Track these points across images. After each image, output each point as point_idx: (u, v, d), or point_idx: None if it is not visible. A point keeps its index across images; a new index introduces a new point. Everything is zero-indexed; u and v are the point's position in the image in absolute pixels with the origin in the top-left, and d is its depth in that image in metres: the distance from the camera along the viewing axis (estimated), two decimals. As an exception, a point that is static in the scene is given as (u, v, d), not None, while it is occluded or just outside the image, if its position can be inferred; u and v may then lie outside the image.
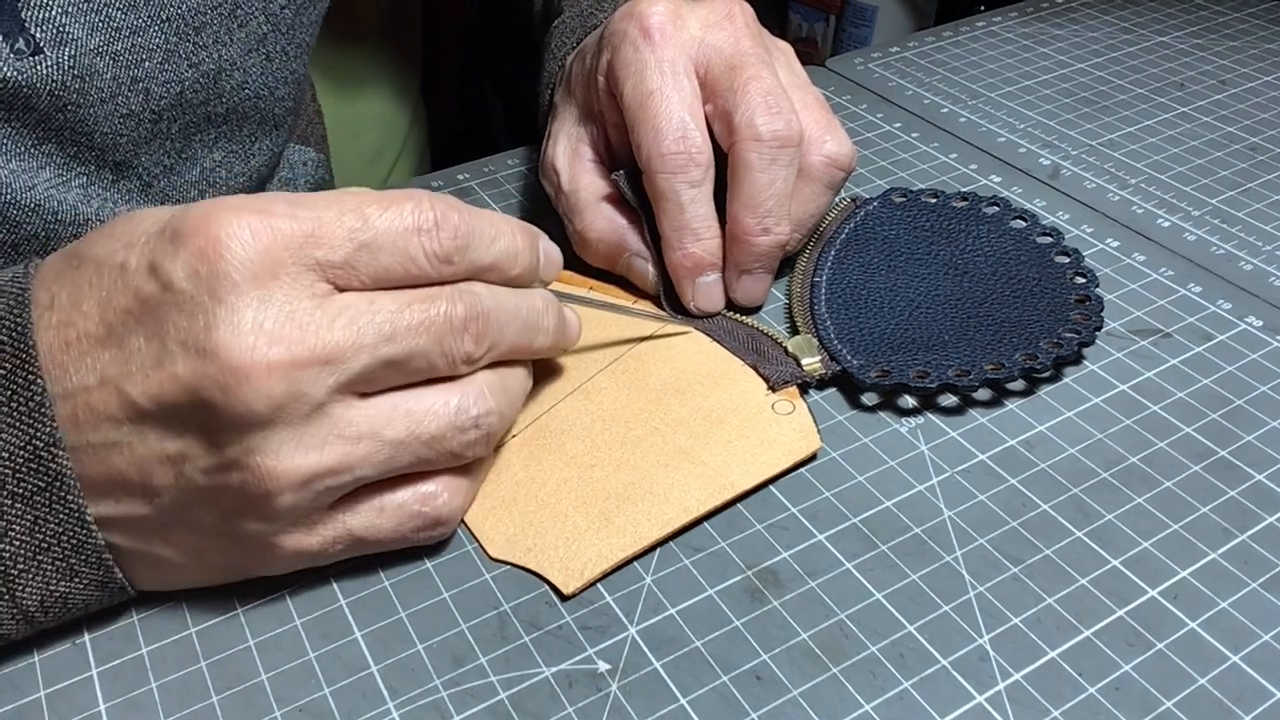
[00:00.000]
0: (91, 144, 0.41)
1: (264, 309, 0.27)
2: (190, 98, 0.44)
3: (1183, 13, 0.69)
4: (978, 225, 0.46)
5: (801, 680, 0.30)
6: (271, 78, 0.47)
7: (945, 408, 0.38)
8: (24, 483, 0.27)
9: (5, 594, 0.28)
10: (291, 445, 0.28)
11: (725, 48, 0.41)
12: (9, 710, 0.29)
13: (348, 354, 0.28)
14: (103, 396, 0.27)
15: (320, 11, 0.50)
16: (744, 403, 0.38)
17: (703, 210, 0.40)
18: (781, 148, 0.39)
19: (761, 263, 0.41)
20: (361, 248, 0.29)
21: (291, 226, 0.28)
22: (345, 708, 0.29)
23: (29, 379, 0.27)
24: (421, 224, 0.29)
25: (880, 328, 0.41)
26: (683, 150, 0.39)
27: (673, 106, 0.40)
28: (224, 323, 0.26)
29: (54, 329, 0.28)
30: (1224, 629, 0.31)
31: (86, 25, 0.39)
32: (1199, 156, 0.53)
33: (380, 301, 0.29)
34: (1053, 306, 0.41)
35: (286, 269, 0.27)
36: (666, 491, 0.34)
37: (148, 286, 0.27)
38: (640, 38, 0.41)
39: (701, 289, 0.41)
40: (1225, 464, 0.36)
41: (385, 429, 0.29)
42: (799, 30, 1.34)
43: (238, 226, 0.27)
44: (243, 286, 0.27)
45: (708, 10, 0.42)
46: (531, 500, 0.34)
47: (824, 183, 0.42)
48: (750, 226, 0.40)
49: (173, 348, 0.27)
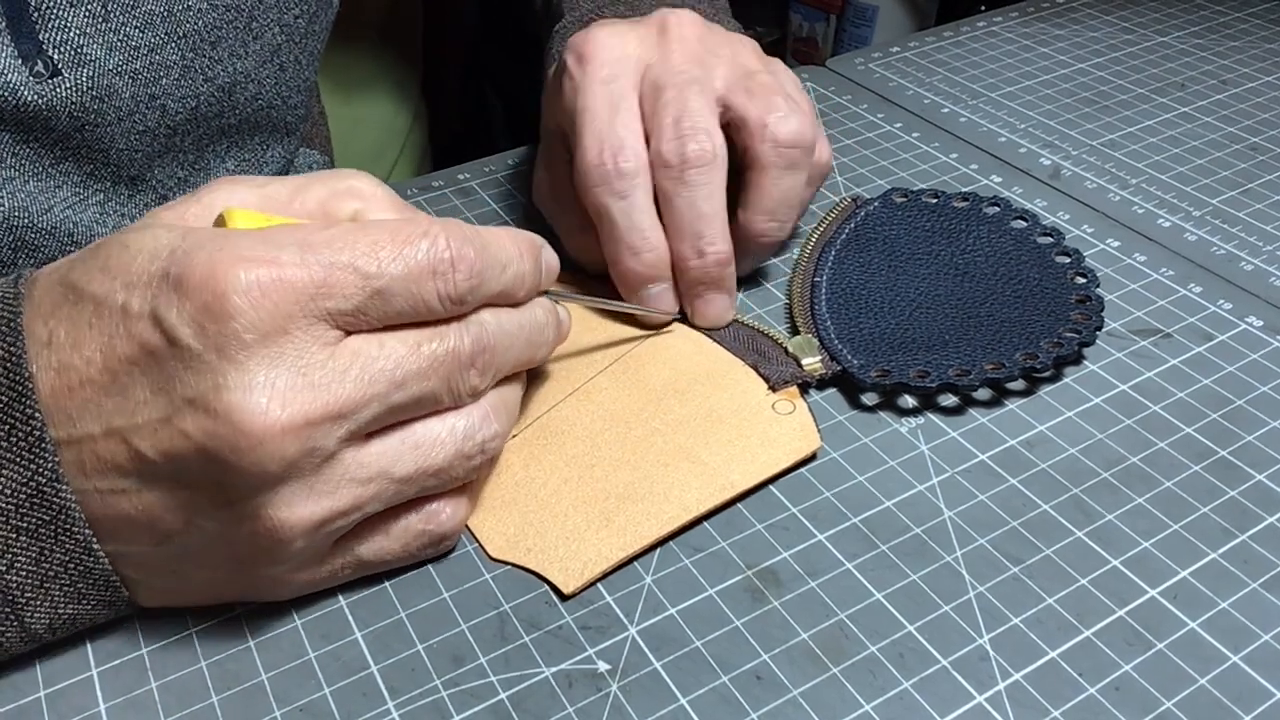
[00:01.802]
0: (108, 160, 0.41)
1: (275, 367, 0.26)
2: (205, 111, 0.44)
3: (1183, 13, 0.69)
4: (978, 225, 0.46)
5: (801, 680, 0.30)
6: (285, 87, 0.47)
7: (945, 408, 0.38)
8: (28, 517, 0.27)
9: (13, 619, 0.28)
10: (303, 496, 0.27)
11: (655, 67, 0.41)
12: (9, 710, 0.29)
13: (360, 406, 0.27)
14: (109, 446, 0.26)
15: (331, 18, 0.50)
16: (744, 403, 0.38)
17: (636, 222, 0.39)
18: (692, 169, 0.39)
19: (707, 284, 0.40)
20: (374, 295, 0.28)
21: (302, 277, 0.26)
22: (345, 708, 0.29)
23: (27, 414, 0.26)
24: (437, 266, 0.28)
25: (880, 328, 0.41)
26: (603, 163, 0.39)
27: (598, 122, 0.40)
28: (235, 383, 0.25)
29: (55, 370, 0.27)
30: (1224, 629, 0.31)
31: (104, 45, 0.39)
32: (1199, 156, 0.53)
33: (390, 345, 0.28)
34: (1053, 306, 0.41)
35: (297, 323, 0.26)
36: (666, 491, 0.34)
37: (152, 338, 0.26)
38: (575, 64, 0.42)
39: (649, 299, 0.41)
40: (1225, 464, 0.36)
41: (394, 467, 0.29)
42: (799, 30, 1.34)
43: (246, 282, 0.26)
44: (253, 346, 0.26)
45: (643, 30, 0.42)
46: (532, 500, 0.34)
47: (780, 167, 0.40)
48: (683, 252, 0.40)
49: (181, 404, 0.26)
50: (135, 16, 0.39)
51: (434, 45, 0.82)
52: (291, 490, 0.27)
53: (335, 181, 0.32)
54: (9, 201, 0.39)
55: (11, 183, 0.39)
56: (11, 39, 0.36)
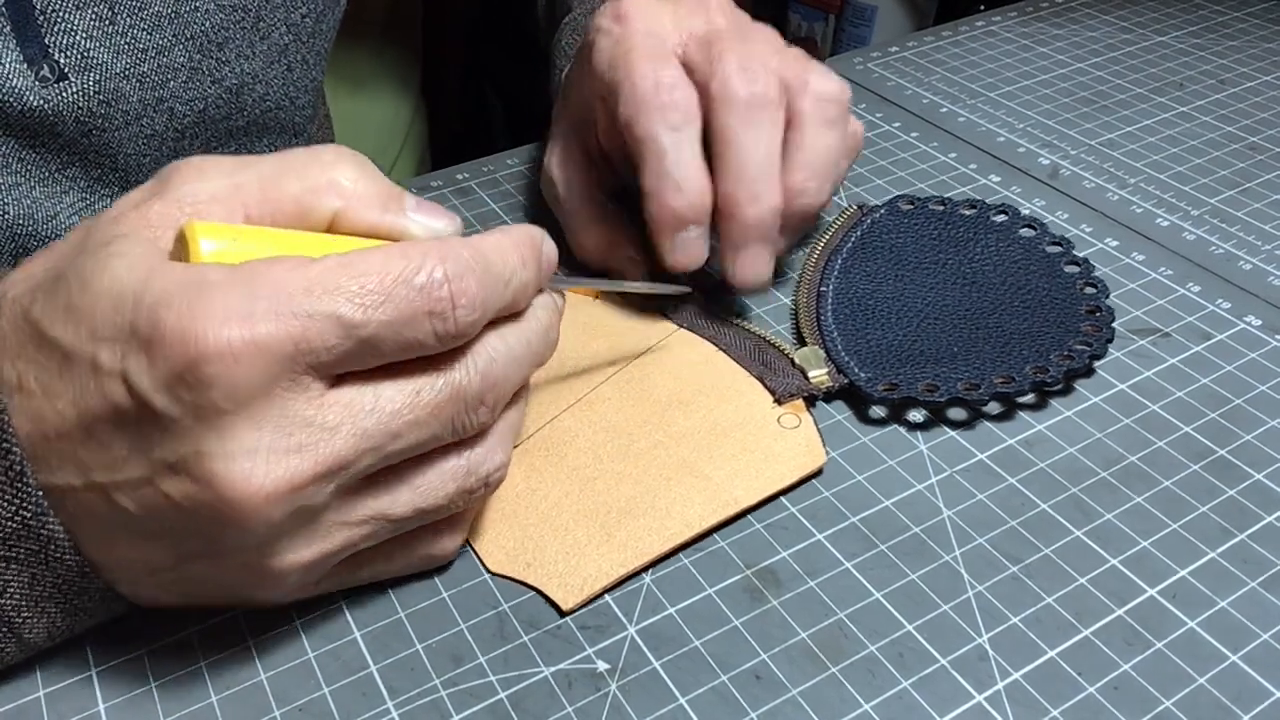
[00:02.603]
0: (115, 165, 0.41)
1: (258, 429, 0.24)
2: (213, 113, 0.43)
3: (1182, 12, 0.69)
4: (986, 234, 0.45)
5: (801, 680, 0.30)
6: (292, 87, 0.47)
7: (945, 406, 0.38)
8: (16, 548, 0.26)
9: (11, 636, 0.28)
10: (298, 544, 0.27)
11: (700, 29, 0.40)
12: (9, 710, 0.29)
13: (351, 462, 0.26)
14: (93, 498, 0.26)
15: (338, 16, 0.50)
16: (749, 416, 0.37)
17: (686, 157, 0.37)
18: (760, 108, 0.37)
19: (756, 236, 0.38)
20: (361, 344, 0.25)
21: (279, 336, 0.24)
22: (345, 708, 0.29)
23: (4, 448, 0.25)
24: (434, 306, 0.26)
25: (887, 339, 0.40)
26: (659, 93, 0.37)
27: (647, 62, 0.38)
28: (216, 451, 0.24)
29: (30, 418, 0.25)
30: (1223, 628, 0.31)
31: (111, 49, 0.38)
32: (1198, 156, 0.53)
33: (385, 394, 0.26)
34: (1063, 317, 0.40)
35: (279, 383, 0.24)
36: (669, 506, 0.34)
37: (123, 401, 0.24)
38: (614, 24, 0.40)
39: (680, 244, 0.38)
40: (1224, 463, 0.36)
41: (390, 509, 0.28)
42: (799, 30, 1.34)
43: (218, 347, 0.23)
44: (232, 414, 0.24)
45: (679, 4, 0.42)
46: (532, 513, 0.34)
47: (820, 122, 0.39)
48: (738, 196, 0.37)
49: (160, 468, 0.24)
50: (142, 19, 0.39)
51: (434, 45, 0.82)
52: (284, 543, 0.26)
53: (314, 172, 0.29)
54: (14, 208, 0.39)
55: (17, 189, 0.39)
56: (17, 43, 0.36)
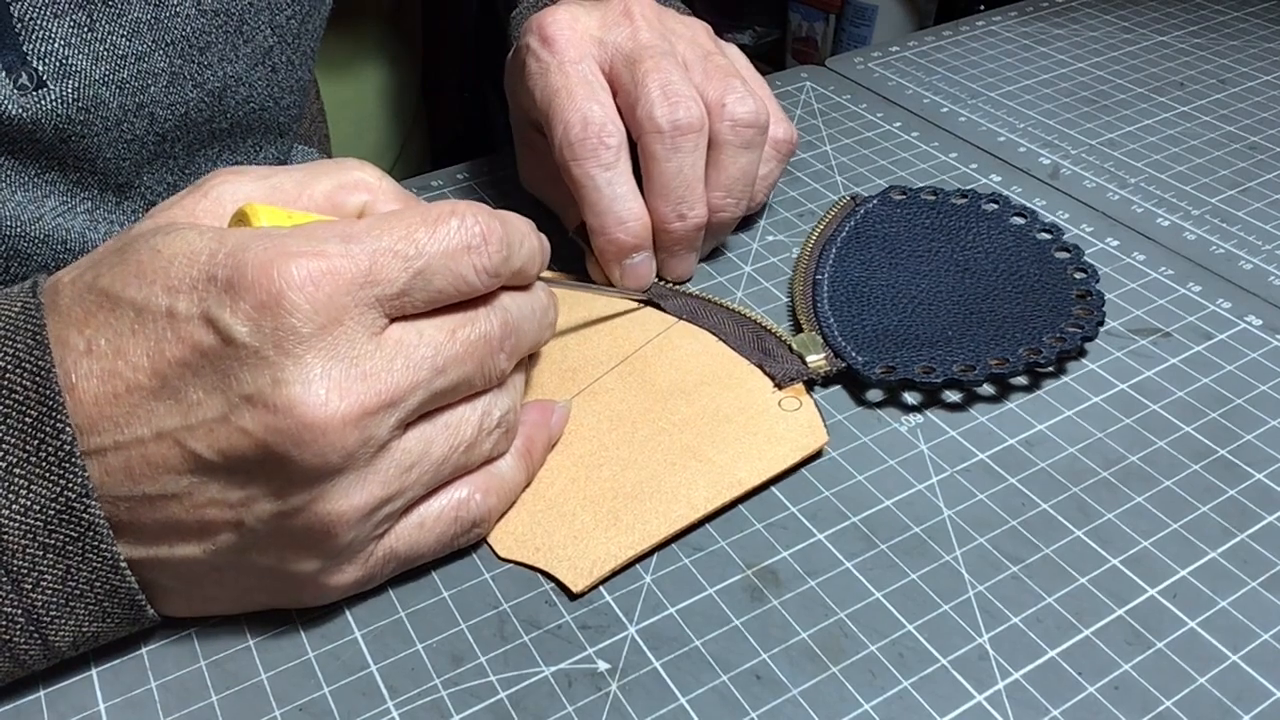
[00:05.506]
0: (94, 170, 0.41)
1: (330, 359, 0.27)
2: (195, 117, 0.43)
3: (1183, 12, 0.69)
4: (978, 222, 0.46)
5: (801, 679, 0.30)
6: (277, 88, 0.47)
7: (946, 405, 0.38)
8: (55, 534, 0.27)
9: (37, 637, 0.28)
10: (357, 486, 0.28)
11: (625, 44, 0.42)
12: (9, 710, 0.29)
13: (408, 393, 0.28)
14: (160, 450, 0.27)
15: (324, 16, 0.50)
16: (750, 401, 0.38)
17: (621, 190, 0.40)
18: (682, 135, 0.40)
19: (683, 245, 0.42)
20: (417, 275, 0.28)
21: (350, 267, 0.27)
22: (345, 707, 0.29)
23: (57, 428, 0.26)
24: (470, 241, 0.29)
25: (883, 324, 0.41)
26: (588, 135, 0.40)
27: (576, 99, 0.40)
28: (294, 377, 0.26)
29: (99, 378, 0.26)
30: (1223, 628, 0.31)
31: (90, 55, 0.38)
32: (1199, 156, 0.53)
33: (428, 333, 0.29)
34: (1054, 302, 0.41)
35: (349, 313, 0.27)
36: (674, 490, 0.34)
37: (206, 339, 0.26)
38: (540, 46, 0.42)
39: (629, 270, 0.42)
40: (1225, 463, 0.36)
41: (431, 449, 0.30)
42: (799, 30, 1.34)
43: (299, 277, 0.26)
44: (310, 339, 0.26)
45: (604, 11, 0.43)
46: (539, 500, 0.34)
47: (736, 145, 0.42)
48: (666, 215, 0.41)
49: (238, 402, 0.26)
50: (121, 25, 0.39)
51: (433, 45, 0.82)
52: (347, 481, 0.28)
53: (340, 174, 0.33)
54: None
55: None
56: None
